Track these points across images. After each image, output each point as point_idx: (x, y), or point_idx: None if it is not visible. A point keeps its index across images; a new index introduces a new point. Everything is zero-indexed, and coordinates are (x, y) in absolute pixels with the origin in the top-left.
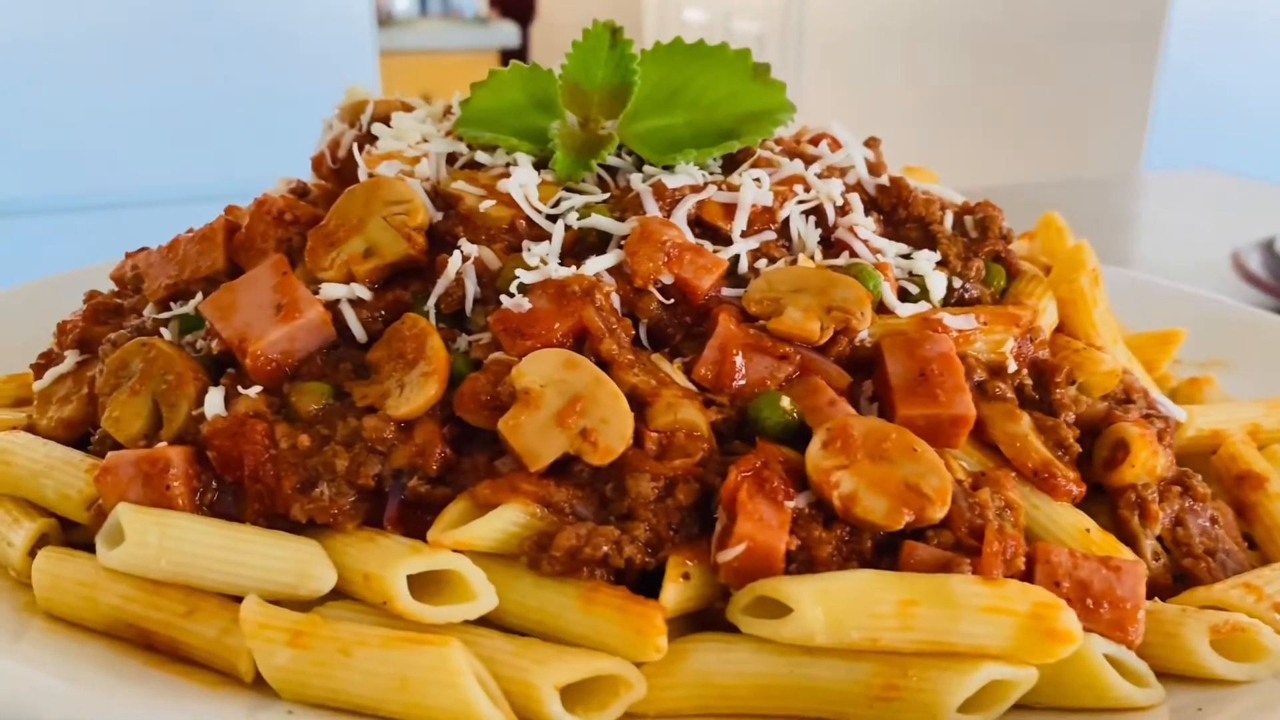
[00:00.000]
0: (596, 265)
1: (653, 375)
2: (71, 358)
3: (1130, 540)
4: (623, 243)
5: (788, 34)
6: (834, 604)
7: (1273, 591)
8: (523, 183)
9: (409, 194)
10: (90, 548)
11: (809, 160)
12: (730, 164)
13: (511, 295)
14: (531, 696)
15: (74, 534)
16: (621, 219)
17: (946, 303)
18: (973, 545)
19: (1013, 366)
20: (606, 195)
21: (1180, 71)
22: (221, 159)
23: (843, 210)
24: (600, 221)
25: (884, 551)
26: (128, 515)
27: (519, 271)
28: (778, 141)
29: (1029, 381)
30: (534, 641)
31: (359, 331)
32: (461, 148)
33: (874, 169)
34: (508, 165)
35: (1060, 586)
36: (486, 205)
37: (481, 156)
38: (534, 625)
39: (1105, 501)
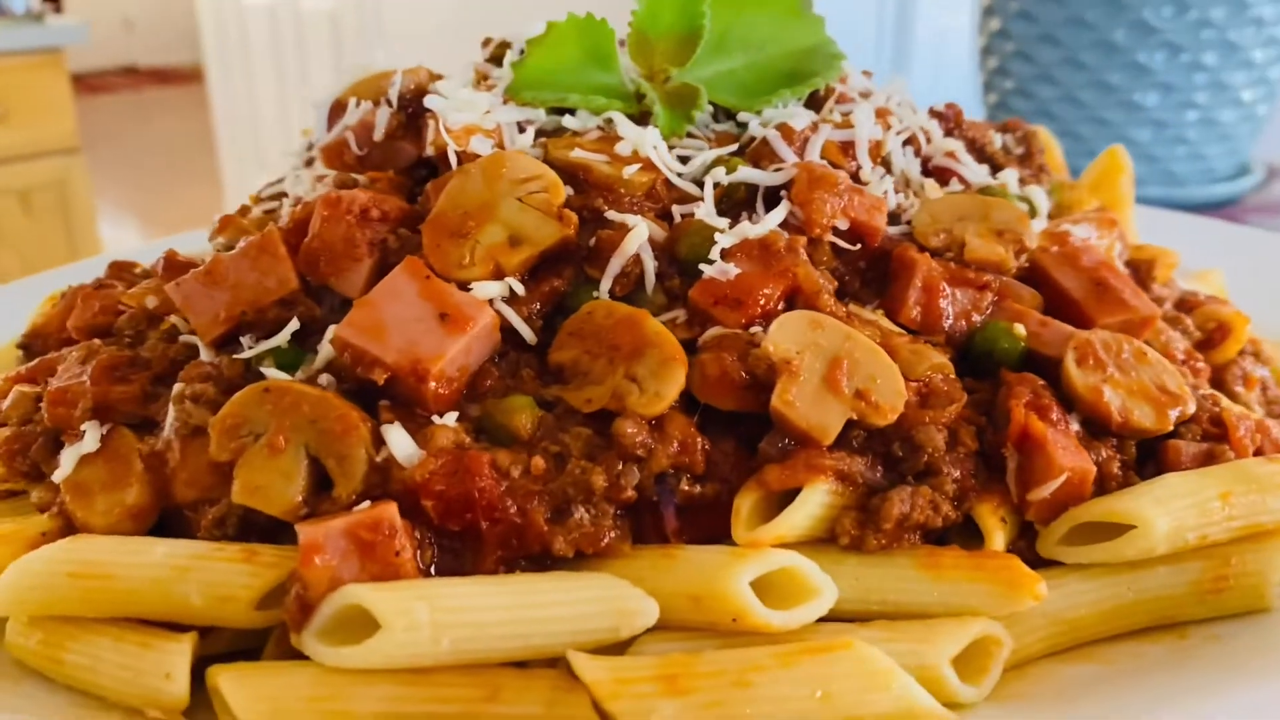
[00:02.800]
0: (773, 220)
1: (871, 326)
2: (93, 432)
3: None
4: (782, 193)
5: (364, 10)
6: (1171, 512)
7: None
8: (655, 144)
9: (538, 168)
10: (227, 658)
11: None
12: (812, 102)
13: (711, 262)
14: (929, 678)
15: (207, 643)
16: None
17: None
18: (1215, 433)
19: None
20: (736, 145)
21: None
22: None
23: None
24: (752, 174)
25: (1144, 458)
26: (374, 597)
27: (717, 236)
28: None
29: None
30: (897, 623)
31: (527, 332)
32: (534, 114)
33: None
34: (600, 128)
35: None
36: (630, 171)
37: (569, 121)
38: (874, 606)
39: None
